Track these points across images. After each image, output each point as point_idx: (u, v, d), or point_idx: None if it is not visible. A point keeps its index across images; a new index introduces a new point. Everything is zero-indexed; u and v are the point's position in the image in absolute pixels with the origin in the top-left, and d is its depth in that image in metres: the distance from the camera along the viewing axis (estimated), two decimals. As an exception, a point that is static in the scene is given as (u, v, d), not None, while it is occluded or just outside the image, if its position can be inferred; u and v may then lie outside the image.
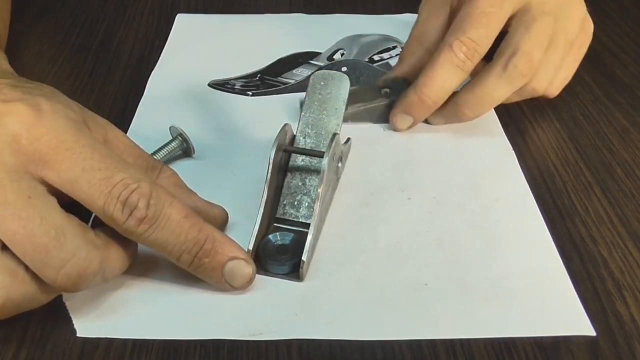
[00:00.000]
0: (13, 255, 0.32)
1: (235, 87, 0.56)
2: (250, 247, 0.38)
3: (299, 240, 0.39)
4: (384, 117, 0.51)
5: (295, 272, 0.38)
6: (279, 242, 0.40)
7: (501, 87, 0.47)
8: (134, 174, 0.34)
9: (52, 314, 0.36)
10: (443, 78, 0.47)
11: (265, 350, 0.34)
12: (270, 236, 0.40)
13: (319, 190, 0.39)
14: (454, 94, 0.49)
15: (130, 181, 0.33)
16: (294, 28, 0.61)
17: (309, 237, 0.38)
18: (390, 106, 0.50)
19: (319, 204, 0.39)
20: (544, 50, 0.47)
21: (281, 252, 0.39)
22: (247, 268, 0.36)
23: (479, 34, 0.46)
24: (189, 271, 0.36)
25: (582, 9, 0.51)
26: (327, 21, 0.48)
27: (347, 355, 0.34)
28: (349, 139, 0.47)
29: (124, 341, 0.35)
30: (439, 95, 0.48)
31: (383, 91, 0.51)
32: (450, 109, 0.49)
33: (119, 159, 0.34)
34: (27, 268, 0.32)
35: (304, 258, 0.37)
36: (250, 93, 0.55)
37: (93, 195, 0.33)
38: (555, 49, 0.48)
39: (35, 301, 0.34)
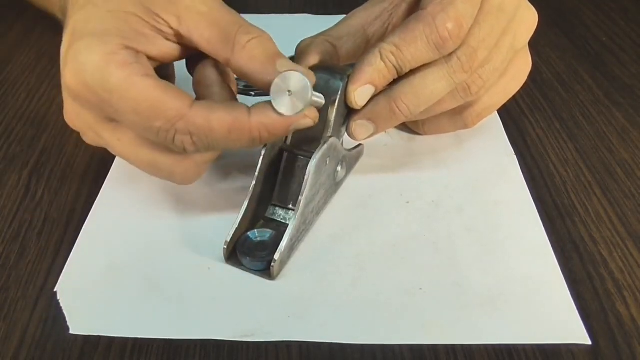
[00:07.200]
0: None
1: (239, 87, 0.55)
2: (228, 240, 0.38)
3: (278, 239, 0.39)
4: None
5: (268, 269, 0.38)
6: (259, 239, 0.40)
7: (442, 80, 0.41)
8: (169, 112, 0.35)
9: (52, 314, 0.36)
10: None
11: (265, 350, 0.34)
12: (249, 233, 0.40)
13: (302, 197, 0.39)
14: (385, 89, 0.42)
15: (167, 126, 0.35)
16: (300, 29, 0.60)
17: (286, 238, 0.38)
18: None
19: (302, 204, 0.39)
20: (490, 50, 0.42)
21: (260, 249, 0.39)
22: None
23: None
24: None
25: (533, 25, 0.45)
26: (333, 22, 0.47)
27: (348, 356, 0.34)
28: (359, 145, 0.46)
29: (124, 342, 0.35)
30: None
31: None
32: (382, 105, 0.42)
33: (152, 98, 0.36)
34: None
35: (276, 257, 0.38)
36: (252, 93, 0.55)
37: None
38: (499, 52, 0.42)
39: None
